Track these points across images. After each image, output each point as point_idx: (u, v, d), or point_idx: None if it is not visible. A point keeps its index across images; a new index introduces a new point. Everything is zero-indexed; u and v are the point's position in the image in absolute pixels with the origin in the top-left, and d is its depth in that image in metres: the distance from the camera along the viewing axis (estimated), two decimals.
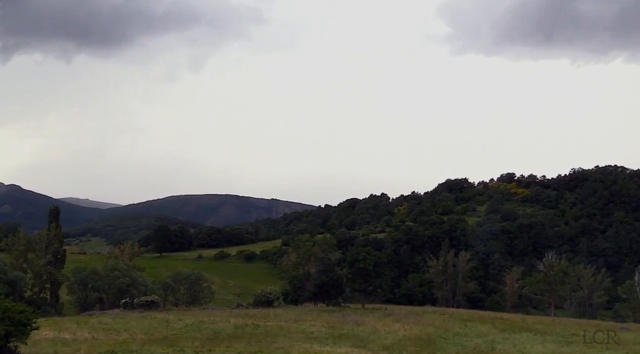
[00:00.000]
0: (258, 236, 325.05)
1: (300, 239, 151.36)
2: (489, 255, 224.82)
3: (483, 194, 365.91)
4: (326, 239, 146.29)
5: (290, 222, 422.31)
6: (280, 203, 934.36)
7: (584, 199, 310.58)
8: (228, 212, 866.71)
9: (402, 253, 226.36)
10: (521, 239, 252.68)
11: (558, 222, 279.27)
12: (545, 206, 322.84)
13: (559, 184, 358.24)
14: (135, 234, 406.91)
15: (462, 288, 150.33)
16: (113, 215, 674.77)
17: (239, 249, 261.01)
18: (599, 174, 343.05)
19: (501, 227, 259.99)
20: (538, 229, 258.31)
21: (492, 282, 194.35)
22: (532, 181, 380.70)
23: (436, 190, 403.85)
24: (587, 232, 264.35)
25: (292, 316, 62.72)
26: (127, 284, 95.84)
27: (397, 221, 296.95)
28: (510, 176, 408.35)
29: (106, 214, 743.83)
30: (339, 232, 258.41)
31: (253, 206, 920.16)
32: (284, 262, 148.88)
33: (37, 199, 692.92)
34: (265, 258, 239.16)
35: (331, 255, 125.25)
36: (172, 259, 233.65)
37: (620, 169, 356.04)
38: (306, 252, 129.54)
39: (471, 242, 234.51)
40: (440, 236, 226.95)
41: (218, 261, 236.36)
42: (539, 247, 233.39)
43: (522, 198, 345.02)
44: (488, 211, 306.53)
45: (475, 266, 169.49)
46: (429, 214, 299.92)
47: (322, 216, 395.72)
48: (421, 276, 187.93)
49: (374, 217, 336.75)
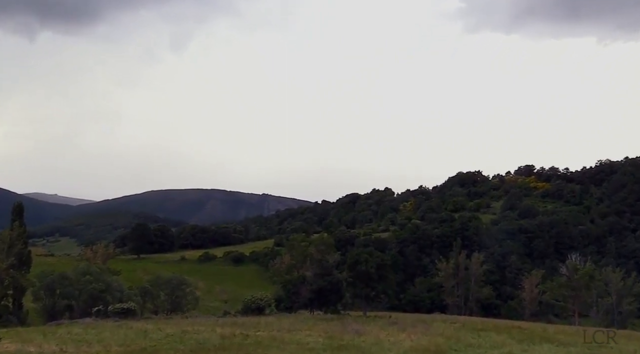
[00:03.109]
0: (248, 235, 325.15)
1: (295, 239, 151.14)
2: (505, 257, 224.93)
3: (499, 189, 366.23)
4: (323, 239, 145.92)
5: (283, 220, 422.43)
6: (273, 199, 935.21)
7: (612, 194, 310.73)
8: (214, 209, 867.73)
9: (408, 255, 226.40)
10: (541, 239, 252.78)
11: (583, 220, 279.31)
12: (569, 201, 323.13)
13: (584, 177, 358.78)
14: (110, 233, 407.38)
15: (475, 294, 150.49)
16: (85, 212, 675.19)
17: (226, 250, 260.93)
18: (628, 166, 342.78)
19: (519, 226, 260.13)
20: (560, 228, 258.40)
21: (508, 287, 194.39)
22: (554, 174, 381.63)
23: (446, 184, 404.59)
24: (615, 231, 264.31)
25: (286, 325, 62.52)
26: (100, 290, 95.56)
27: (402, 219, 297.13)
28: (529, 168, 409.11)
29: (77, 211, 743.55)
30: (337, 232, 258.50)
31: (242, 202, 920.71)
32: (276, 264, 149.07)
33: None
34: (255, 260, 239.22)
35: (329, 257, 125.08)
36: (152, 261, 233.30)
37: None
38: (301, 254, 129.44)
39: (485, 242, 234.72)
40: (450, 236, 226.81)
41: (203, 264, 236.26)
42: (562, 248, 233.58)
43: (542, 193, 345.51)
44: (504, 208, 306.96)
45: (489, 269, 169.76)
46: (438, 211, 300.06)
47: (319, 213, 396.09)
48: (429, 280, 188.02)
49: (377, 215, 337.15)
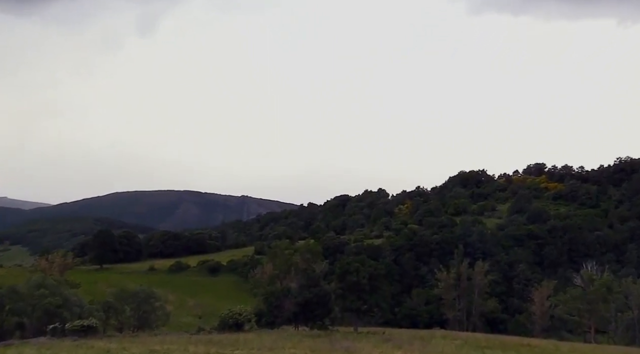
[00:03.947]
0: (225, 242, 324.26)
1: (278, 246, 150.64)
2: (513, 266, 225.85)
3: (505, 190, 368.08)
4: (310, 247, 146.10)
5: (265, 225, 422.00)
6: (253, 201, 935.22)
7: (632, 195, 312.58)
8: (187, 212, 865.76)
9: (404, 263, 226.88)
10: (553, 246, 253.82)
11: (600, 224, 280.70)
12: (584, 204, 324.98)
13: (601, 177, 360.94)
14: (68, 241, 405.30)
15: (479, 307, 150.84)
16: (39, 218, 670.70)
17: (200, 259, 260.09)
18: None
19: (528, 231, 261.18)
20: (574, 234, 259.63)
21: (516, 299, 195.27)
22: (567, 174, 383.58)
23: (446, 185, 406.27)
24: (636, 237, 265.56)
25: (268, 342, 62.33)
26: (56, 305, 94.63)
27: (398, 224, 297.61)
28: (540, 167, 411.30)
29: (30, 216, 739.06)
30: (325, 238, 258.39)
31: (219, 205, 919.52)
32: (257, 275, 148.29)
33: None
34: (233, 270, 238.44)
35: (316, 266, 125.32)
36: (116, 272, 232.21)
37: None
38: (285, 263, 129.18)
39: (490, 249, 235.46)
40: (451, 242, 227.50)
41: (174, 274, 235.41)
42: (576, 257, 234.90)
43: (554, 195, 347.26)
44: (511, 211, 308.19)
45: (495, 279, 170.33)
46: (437, 214, 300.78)
47: (305, 218, 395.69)
48: (428, 291, 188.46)
49: (369, 219, 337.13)
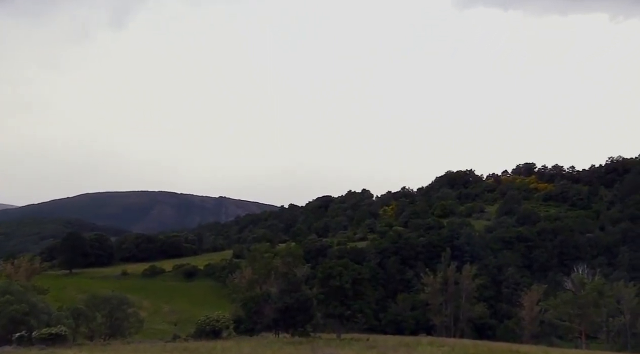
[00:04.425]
0: (202, 245, 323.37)
1: (257, 249, 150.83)
2: (502, 269, 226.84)
3: (494, 191, 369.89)
4: (291, 250, 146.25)
5: (244, 227, 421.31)
6: (231, 203, 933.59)
7: (624, 196, 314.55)
8: (162, 214, 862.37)
9: (389, 267, 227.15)
10: (543, 248, 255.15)
11: (591, 226, 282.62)
12: (575, 205, 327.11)
13: (593, 177, 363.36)
14: (35, 244, 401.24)
15: (467, 312, 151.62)
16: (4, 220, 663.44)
17: (176, 263, 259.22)
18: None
19: (517, 234, 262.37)
20: (565, 236, 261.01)
21: (505, 304, 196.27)
22: (558, 174, 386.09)
23: (433, 185, 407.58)
24: (628, 239, 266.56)
25: (246, 350, 62.42)
26: (23, 313, 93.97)
27: (382, 226, 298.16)
28: (529, 167, 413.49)
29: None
30: (307, 241, 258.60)
31: (195, 207, 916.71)
32: (235, 279, 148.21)
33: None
34: (211, 275, 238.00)
35: (297, 270, 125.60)
36: (87, 277, 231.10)
37: None
38: (265, 267, 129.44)
39: (478, 252, 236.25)
40: (438, 245, 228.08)
41: (148, 279, 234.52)
42: (566, 260, 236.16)
43: (544, 195, 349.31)
44: (500, 212, 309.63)
45: (483, 283, 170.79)
46: (424, 216, 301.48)
47: (286, 219, 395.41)
48: (414, 296, 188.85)
49: (353, 221, 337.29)
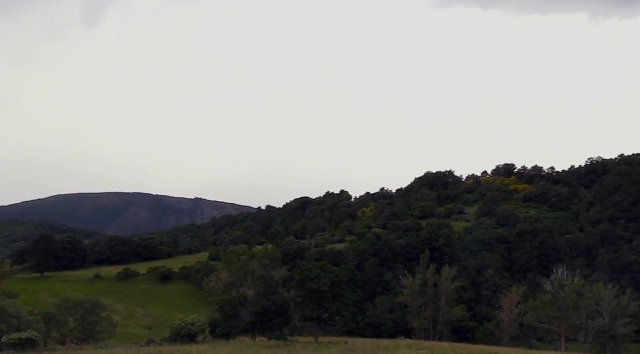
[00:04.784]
0: (177, 247, 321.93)
1: (234, 251, 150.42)
2: (481, 271, 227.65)
3: (473, 192, 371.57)
4: (268, 252, 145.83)
5: (220, 229, 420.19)
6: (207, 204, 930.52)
7: (604, 197, 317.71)
8: (137, 216, 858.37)
9: (367, 269, 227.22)
10: (522, 250, 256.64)
11: (570, 228, 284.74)
12: (554, 206, 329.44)
13: (572, 178, 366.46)
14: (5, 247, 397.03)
15: (446, 315, 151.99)
16: None
17: (151, 265, 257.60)
18: (623, 164, 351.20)
19: (496, 235, 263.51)
20: (544, 237, 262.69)
21: (484, 306, 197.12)
22: (537, 175, 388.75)
23: (412, 186, 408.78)
24: (608, 241, 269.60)
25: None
26: None
27: (361, 227, 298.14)
28: (509, 167, 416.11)
29: None
30: (284, 242, 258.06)
31: (171, 208, 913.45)
32: (211, 282, 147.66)
33: None
34: (186, 277, 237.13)
35: (274, 272, 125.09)
36: (59, 280, 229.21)
37: None
38: (241, 269, 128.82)
39: (458, 254, 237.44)
40: (417, 247, 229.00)
41: (122, 282, 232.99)
42: (546, 261, 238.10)
43: (523, 196, 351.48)
44: (480, 214, 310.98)
45: (462, 285, 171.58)
46: (402, 217, 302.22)
47: (263, 221, 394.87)
48: (392, 299, 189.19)
49: (331, 222, 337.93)
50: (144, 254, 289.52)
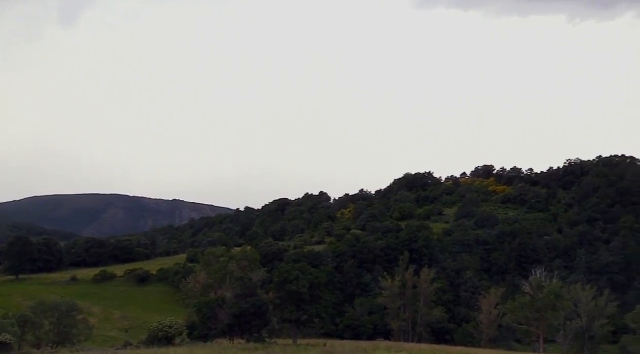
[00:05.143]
0: (155, 249, 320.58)
1: (212, 253, 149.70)
2: (460, 273, 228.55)
3: (452, 193, 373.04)
4: (246, 254, 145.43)
5: (198, 230, 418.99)
6: (185, 206, 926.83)
7: (582, 199, 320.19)
8: (114, 217, 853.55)
9: (346, 271, 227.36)
10: (501, 251, 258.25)
11: (549, 229, 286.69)
12: (533, 208, 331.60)
13: (550, 179, 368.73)
14: None
15: (425, 316, 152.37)
16: None
17: (128, 267, 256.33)
18: (601, 166, 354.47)
19: (475, 237, 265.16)
20: (523, 239, 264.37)
21: (463, 308, 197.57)
22: (516, 176, 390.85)
23: (391, 188, 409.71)
24: (585, 242, 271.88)
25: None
26: None
27: (340, 229, 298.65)
28: (488, 169, 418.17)
29: None
30: (263, 244, 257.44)
31: (148, 209, 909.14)
32: (189, 284, 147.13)
33: None
34: (164, 280, 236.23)
35: (253, 274, 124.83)
36: (34, 282, 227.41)
37: (629, 159, 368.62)
38: (220, 271, 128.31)
39: (437, 256, 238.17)
40: (396, 248, 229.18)
41: (99, 285, 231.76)
42: (524, 263, 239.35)
43: (502, 198, 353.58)
44: (458, 215, 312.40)
45: (441, 287, 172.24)
46: (382, 219, 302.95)
47: (242, 223, 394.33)
48: (371, 300, 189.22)
49: (310, 224, 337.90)
50: (121, 256, 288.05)
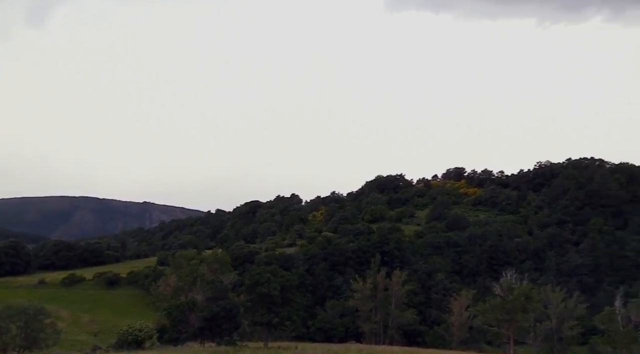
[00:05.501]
0: (125, 252, 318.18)
1: (183, 256, 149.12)
2: (431, 275, 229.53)
3: (424, 196, 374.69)
4: (217, 256, 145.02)
5: (169, 233, 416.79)
6: (156, 208, 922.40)
7: (552, 201, 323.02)
8: (83, 220, 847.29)
9: (318, 273, 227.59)
10: (472, 253, 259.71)
11: (519, 231, 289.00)
12: (504, 210, 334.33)
13: (521, 182, 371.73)
14: None
15: (397, 319, 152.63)
16: None
17: (97, 270, 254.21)
18: (571, 169, 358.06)
19: (447, 239, 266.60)
20: (494, 241, 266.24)
21: (434, 310, 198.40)
22: (487, 178, 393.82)
23: (363, 190, 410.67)
24: (555, 244, 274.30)
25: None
26: None
27: (311, 231, 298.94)
28: (459, 171, 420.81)
29: None
30: (234, 247, 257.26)
31: (118, 212, 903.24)
32: (160, 287, 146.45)
33: None
34: (134, 283, 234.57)
35: (224, 277, 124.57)
36: (1, 286, 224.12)
37: (598, 162, 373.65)
38: (190, 274, 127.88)
39: (408, 258, 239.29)
40: (368, 251, 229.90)
41: (67, 288, 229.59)
42: (495, 265, 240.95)
43: (473, 200, 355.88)
44: (430, 218, 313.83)
45: (413, 289, 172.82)
46: (353, 221, 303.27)
47: (213, 225, 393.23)
48: (343, 303, 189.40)
49: (282, 227, 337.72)
50: (90, 259, 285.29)
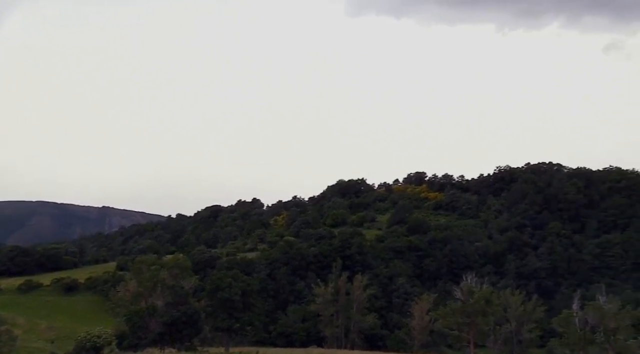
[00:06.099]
0: (83, 257, 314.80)
1: (143, 261, 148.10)
2: (393, 279, 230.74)
3: (385, 200, 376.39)
4: (178, 261, 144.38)
5: (128, 238, 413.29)
6: (115, 213, 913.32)
7: (511, 205, 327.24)
8: (40, 225, 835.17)
9: (279, 278, 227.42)
10: (433, 257, 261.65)
11: (479, 235, 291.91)
12: (464, 214, 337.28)
13: (481, 186, 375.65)
14: None
15: (358, 323, 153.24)
16: None
17: (55, 276, 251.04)
18: (530, 173, 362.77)
19: (408, 243, 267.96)
20: (454, 245, 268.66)
21: (396, 314, 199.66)
22: (448, 183, 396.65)
23: (324, 194, 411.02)
24: (515, 248, 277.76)
25: None
26: None
27: (273, 236, 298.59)
28: (420, 176, 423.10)
29: None
30: (195, 252, 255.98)
31: (76, 217, 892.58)
32: (119, 293, 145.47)
33: None
34: (92, 288, 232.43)
35: (185, 282, 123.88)
36: None
37: (556, 167, 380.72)
38: (151, 280, 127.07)
39: (370, 262, 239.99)
40: (329, 255, 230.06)
41: (24, 294, 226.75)
42: (456, 269, 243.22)
43: (434, 204, 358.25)
44: (391, 222, 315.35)
45: (374, 293, 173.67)
46: (315, 226, 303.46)
47: (173, 230, 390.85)
48: (304, 308, 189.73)
49: (243, 231, 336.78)
50: (47, 265, 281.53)
